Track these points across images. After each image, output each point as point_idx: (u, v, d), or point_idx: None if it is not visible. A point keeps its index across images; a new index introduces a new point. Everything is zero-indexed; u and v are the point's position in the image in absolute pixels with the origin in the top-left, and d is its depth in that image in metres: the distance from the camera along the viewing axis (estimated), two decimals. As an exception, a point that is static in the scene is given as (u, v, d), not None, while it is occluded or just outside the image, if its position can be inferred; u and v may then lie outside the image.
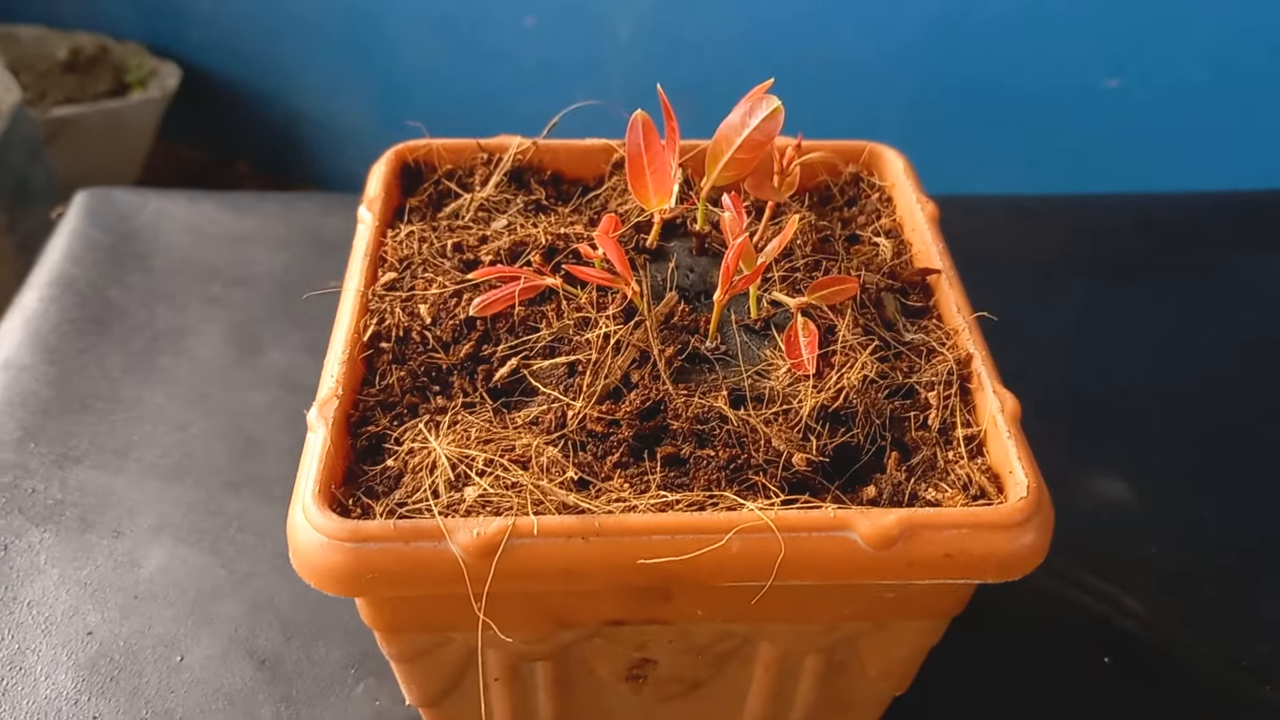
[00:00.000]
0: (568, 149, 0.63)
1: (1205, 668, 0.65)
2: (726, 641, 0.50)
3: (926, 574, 0.43)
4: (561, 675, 0.51)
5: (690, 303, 0.53)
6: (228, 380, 0.81)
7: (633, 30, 1.65)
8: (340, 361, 0.49)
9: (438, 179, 0.62)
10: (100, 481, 0.73)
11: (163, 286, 0.89)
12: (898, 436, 0.49)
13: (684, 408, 0.47)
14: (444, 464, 0.45)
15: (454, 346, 0.51)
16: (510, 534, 0.42)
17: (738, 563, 0.42)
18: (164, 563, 0.68)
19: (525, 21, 1.71)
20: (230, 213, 0.97)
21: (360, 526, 0.42)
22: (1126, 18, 1.32)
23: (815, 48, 1.56)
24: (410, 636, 0.48)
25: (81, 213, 0.96)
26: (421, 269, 0.55)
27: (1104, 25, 1.35)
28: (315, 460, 0.45)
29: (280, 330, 0.85)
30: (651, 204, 0.53)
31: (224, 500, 0.72)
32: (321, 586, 0.43)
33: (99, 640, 0.63)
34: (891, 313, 0.54)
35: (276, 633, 0.64)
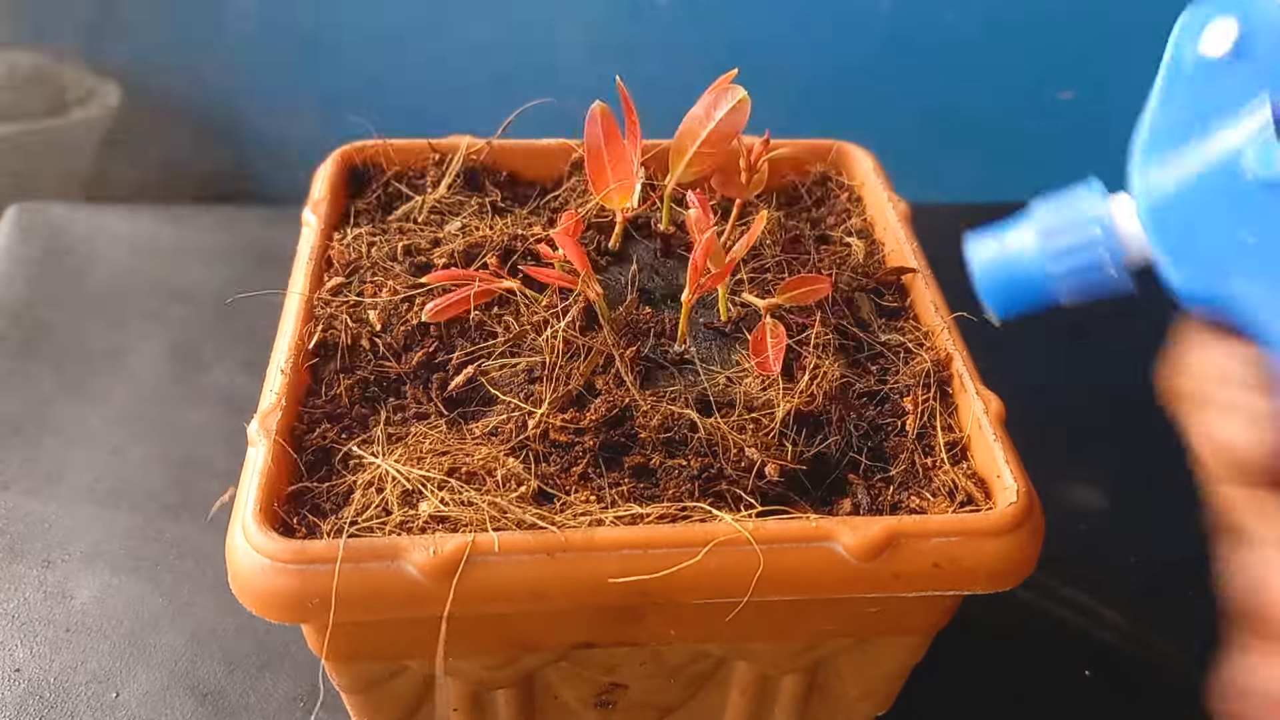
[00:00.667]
0: (524, 149, 0.60)
1: (1187, 678, 0.64)
2: (701, 663, 0.47)
3: (913, 586, 0.41)
4: (525, 703, 0.48)
5: (656, 305, 0.51)
6: (166, 400, 0.78)
7: (586, 44, 1.64)
8: (283, 371, 0.46)
9: (387, 180, 0.59)
10: (29, 508, 0.69)
11: (97, 304, 0.86)
12: (876, 442, 0.47)
13: (652, 415, 0.45)
14: (396, 478, 0.42)
15: (406, 354, 0.48)
16: (470, 552, 0.39)
17: (714, 578, 0.40)
18: (98, 593, 0.64)
19: (475, 34, 1.69)
20: (169, 226, 0.94)
21: (305, 547, 0.39)
22: (1080, 31, 1.33)
23: (771, 62, 1.56)
24: (362, 666, 0.45)
25: (12, 228, 0.92)
26: (370, 273, 0.52)
27: (1058, 38, 1.36)
28: (256, 477, 0.42)
29: (221, 347, 0.82)
30: (613, 202, 0.51)
31: (162, 525, 0.68)
32: (264, 613, 0.40)
33: (27, 678, 0.60)
34: (866, 313, 0.52)
35: (219, 665, 0.61)
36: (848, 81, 1.54)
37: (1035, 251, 0.31)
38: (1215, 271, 0.28)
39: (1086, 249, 0.30)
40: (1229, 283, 0.27)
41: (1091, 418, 0.81)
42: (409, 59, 1.76)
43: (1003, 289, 0.32)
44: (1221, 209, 0.27)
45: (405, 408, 0.47)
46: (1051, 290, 0.31)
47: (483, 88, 1.69)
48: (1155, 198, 0.29)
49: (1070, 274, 0.31)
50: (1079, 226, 0.30)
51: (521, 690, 0.47)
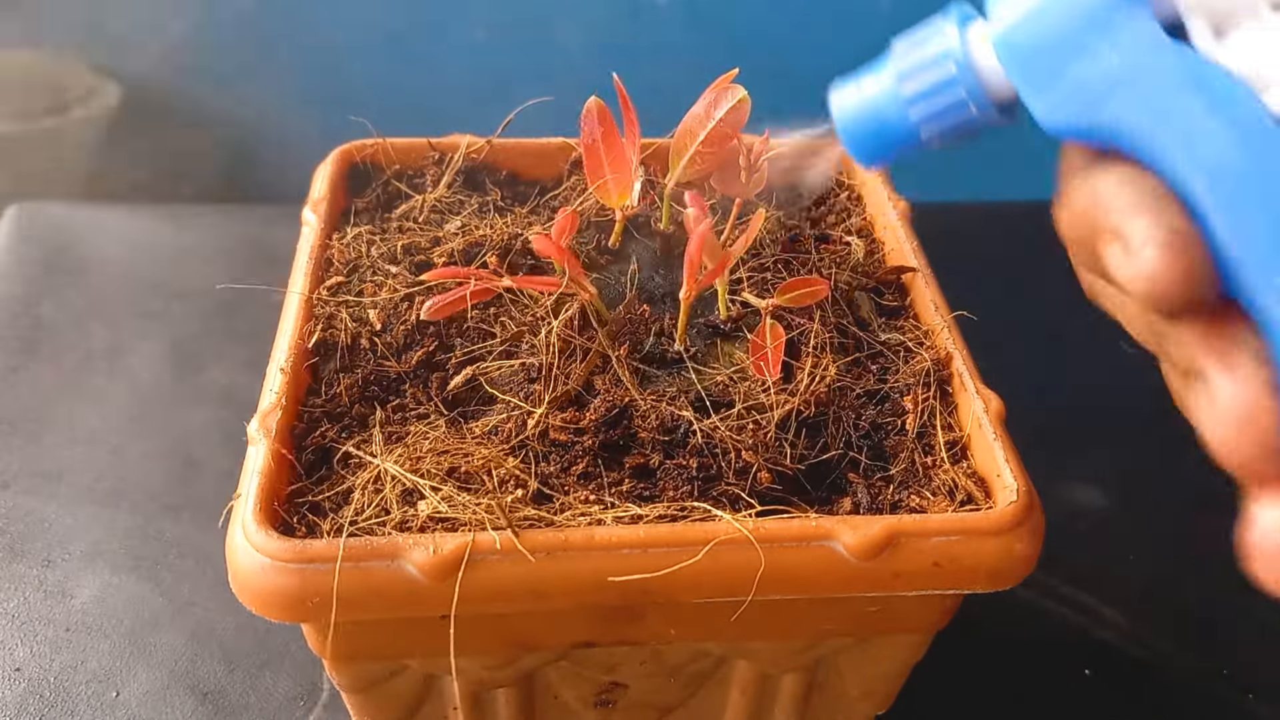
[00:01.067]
0: (523, 148, 0.60)
1: (1187, 677, 0.64)
2: (701, 662, 0.47)
3: (913, 585, 0.41)
4: (525, 703, 0.48)
5: (656, 304, 0.51)
6: (166, 399, 0.78)
7: (586, 44, 1.63)
8: (283, 370, 0.46)
9: (386, 180, 0.59)
10: (30, 507, 0.69)
11: (98, 302, 0.85)
12: (876, 442, 0.47)
13: (651, 415, 0.45)
14: (396, 478, 0.42)
15: (406, 353, 0.48)
16: (470, 552, 0.39)
17: (714, 577, 0.39)
18: (98, 592, 0.64)
19: (475, 35, 1.69)
20: (169, 225, 0.94)
21: (305, 546, 0.39)
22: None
23: (771, 62, 1.55)
24: (362, 665, 0.45)
25: (13, 227, 0.91)
26: (370, 272, 0.52)
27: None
28: (256, 476, 0.42)
29: (221, 347, 0.82)
30: (612, 200, 0.51)
31: (162, 525, 0.68)
32: (264, 613, 0.40)
33: (27, 677, 0.60)
34: (866, 312, 0.52)
35: (219, 664, 0.61)
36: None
37: (894, 96, 0.28)
38: (1081, 99, 0.25)
39: (944, 89, 0.27)
40: (1098, 110, 0.25)
41: (1091, 418, 0.81)
42: (409, 59, 1.76)
43: (868, 138, 0.29)
44: (1079, 28, 0.25)
45: (405, 407, 0.47)
46: (916, 134, 0.28)
47: (483, 88, 1.69)
48: (1011, 27, 0.26)
49: (932, 117, 0.28)
50: (934, 65, 0.27)
51: (521, 690, 0.47)
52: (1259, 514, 0.25)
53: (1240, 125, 0.23)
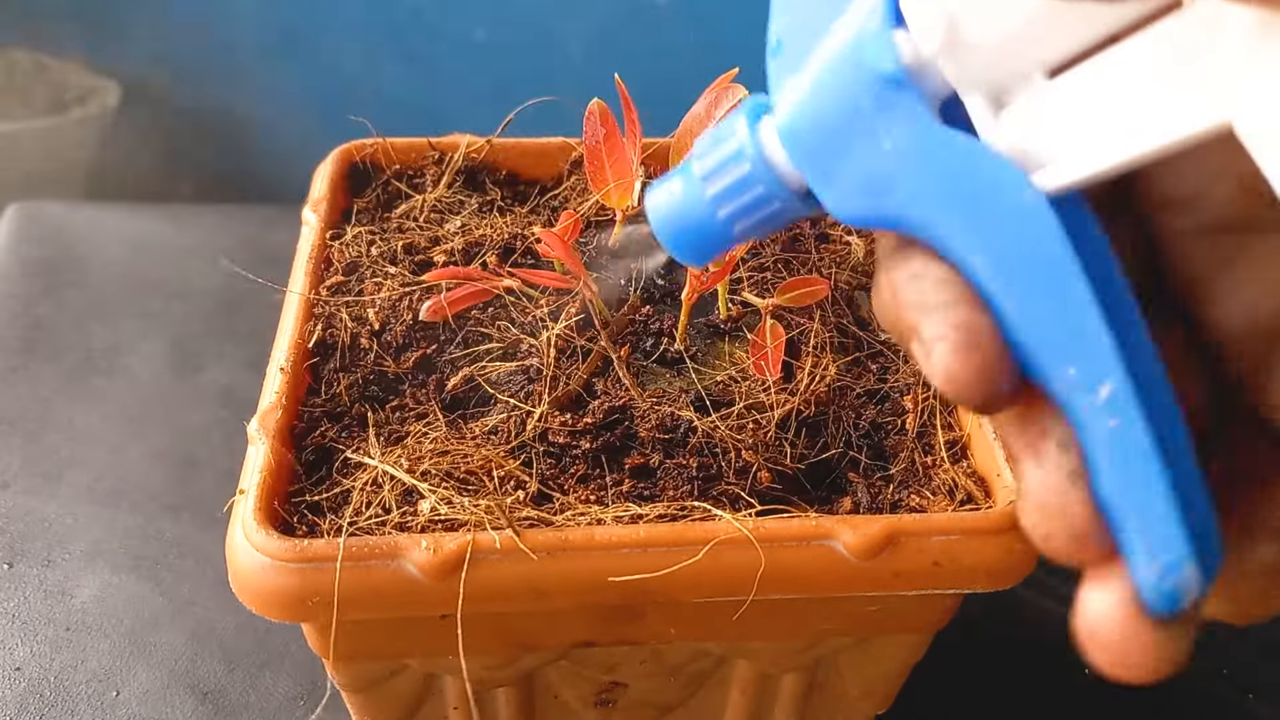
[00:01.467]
0: (524, 147, 0.60)
1: (1186, 677, 0.63)
2: (701, 661, 0.47)
3: (913, 584, 0.41)
4: (525, 702, 0.48)
5: (656, 304, 0.51)
6: (166, 399, 0.77)
7: (586, 44, 1.63)
8: (283, 370, 0.46)
9: (386, 179, 0.59)
10: (30, 507, 0.69)
11: (98, 302, 0.85)
12: (876, 441, 0.47)
13: (651, 415, 0.45)
14: (396, 478, 0.42)
15: (405, 353, 0.48)
16: (470, 551, 0.39)
17: (714, 577, 0.39)
18: (98, 592, 0.64)
19: (475, 35, 1.69)
20: (169, 225, 0.94)
21: (305, 546, 0.39)
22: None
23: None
24: (362, 665, 0.45)
25: (12, 227, 0.91)
26: (370, 272, 0.52)
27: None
28: (256, 475, 0.41)
29: (221, 346, 0.82)
30: (613, 200, 0.51)
31: (162, 525, 0.68)
32: (264, 612, 0.40)
33: (28, 677, 0.60)
34: (866, 312, 0.52)
35: (219, 663, 0.61)
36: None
37: (700, 197, 0.27)
38: (865, 189, 0.24)
39: (745, 188, 0.26)
40: (882, 200, 0.23)
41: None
42: (409, 59, 1.76)
43: (685, 238, 0.28)
44: (854, 116, 0.23)
45: (405, 407, 0.47)
46: (729, 232, 0.27)
47: (483, 88, 1.69)
48: (788, 117, 0.25)
49: (739, 214, 0.26)
50: (731, 164, 0.26)
51: (521, 689, 0.47)
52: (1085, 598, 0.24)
53: (1012, 211, 0.22)
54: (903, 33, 0.23)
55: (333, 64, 1.80)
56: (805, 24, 0.25)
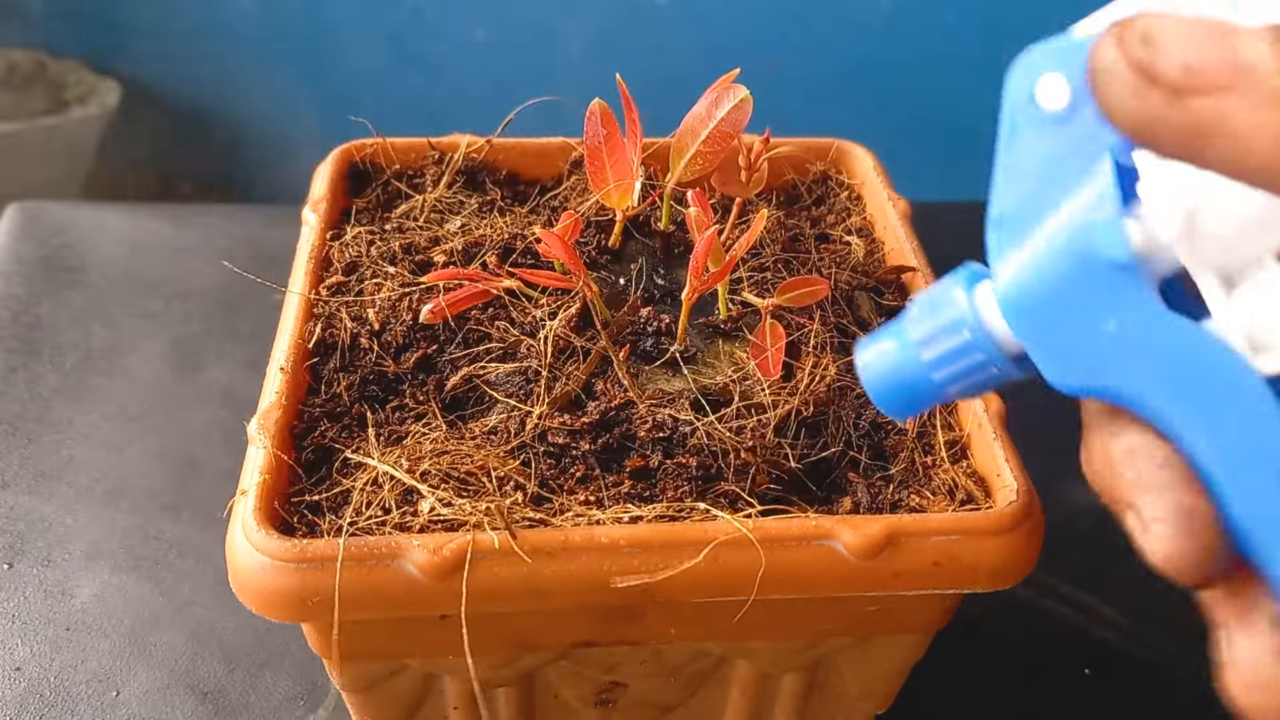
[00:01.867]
0: (524, 147, 0.60)
1: (1186, 677, 0.64)
2: (701, 661, 0.47)
3: (913, 584, 0.41)
4: (525, 702, 0.48)
5: (656, 304, 0.51)
6: (166, 399, 0.77)
7: (586, 44, 1.63)
8: (283, 370, 0.46)
9: (386, 179, 0.59)
10: (30, 507, 0.69)
11: (97, 302, 0.85)
12: (876, 441, 0.47)
13: (650, 415, 0.45)
14: (396, 478, 0.42)
15: (405, 353, 0.48)
16: (470, 552, 0.39)
17: (714, 577, 0.39)
18: (98, 592, 0.64)
19: (475, 35, 1.69)
20: (169, 225, 0.93)
21: (305, 546, 0.39)
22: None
23: (770, 62, 1.55)
24: (362, 665, 0.44)
25: (12, 227, 0.91)
26: (370, 272, 0.52)
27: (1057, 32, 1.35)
28: (256, 475, 0.41)
29: (221, 346, 0.82)
30: (613, 200, 0.51)
31: (162, 525, 0.68)
32: (264, 612, 0.40)
33: (28, 677, 0.59)
34: (866, 312, 0.52)
35: (219, 664, 0.61)
36: (848, 81, 1.54)
37: (915, 360, 0.28)
38: (1087, 364, 0.25)
39: (962, 354, 0.27)
40: (1102, 375, 0.25)
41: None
42: (409, 59, 1.76)
43: (896, 397, 0.29)
44: (1079, 296, 0.24)
45: (404, 407, 0.47)
46: (941, 392, 0.29)
47: (483, 88, 1.69)
48: (1011, 290, 0.26)
49: (953, 379, 0.28)
50: (949, 332, 0.27)
51: (522, 689, 0.47)
52: None
53: (1235, 396, 0.23)
54: (1134, 222, 0.24)
55: (333, 64, 1.80)
56: (1031, 202, 0.26)
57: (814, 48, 1.53)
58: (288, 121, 1.90)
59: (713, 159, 0.49)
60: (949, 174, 1.49)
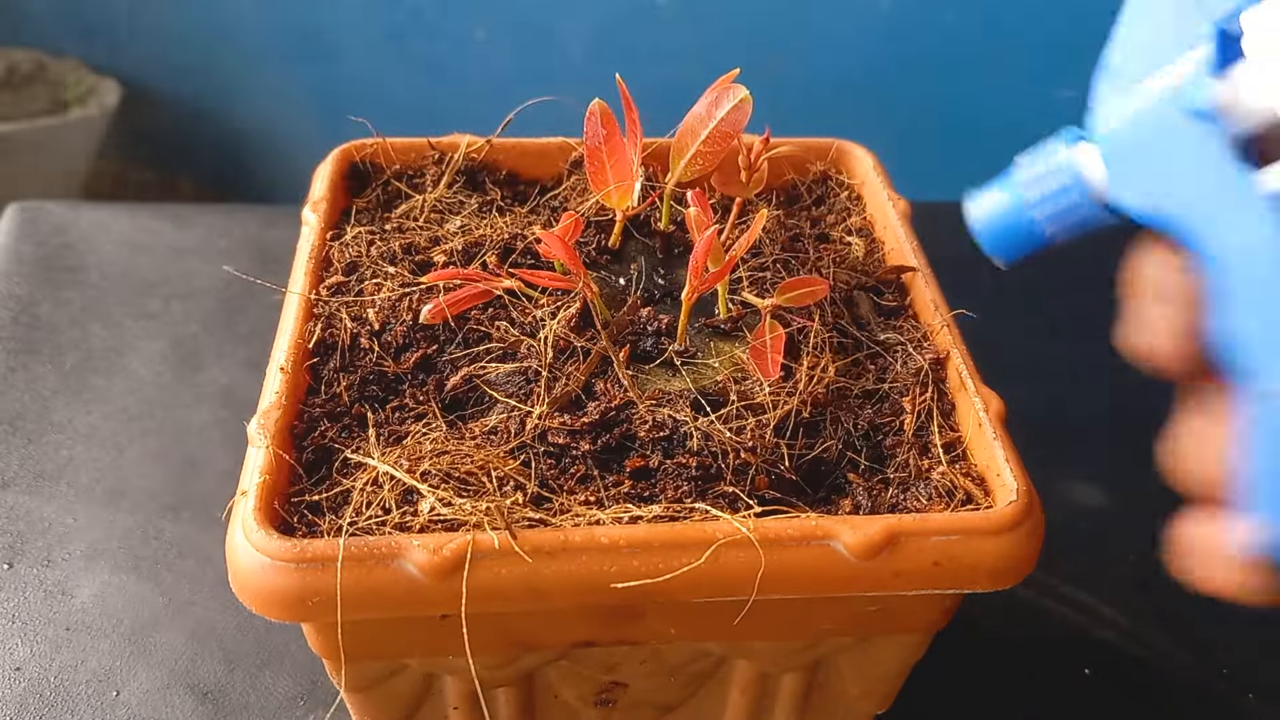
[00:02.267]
0: (523, 147, 0.60)
1: (1187, 677, 0.64)
2: (701, 661, 0.47)
3: (913, 584, 0.41)
4: (526, 702, 0.48)
5: (656, 304, 0.51)
6: (166, 399, 0.77)
7: (586, 44, 1.63)
8: (283, 370, 0.46)
9: (386, 179, 0.59)
10: (30, 507, 0.69)
11: (98, 302, 0.85)
12: (876, 442, 0.47)
13: (650, 415, 0.45)
14: (396, 478, 0.42)
15: (404, 354, 0.48)
16: (470, 552, 0.39)
17: (715, 577, 0.39)
18: (98, 592, 0.64)
19: (475, 34, 1.69)
20: (169, 225, 0.93)
21: (305, 546, 0.39)
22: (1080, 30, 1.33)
23: (771, 62, 1.55)
24: (362, 665, 0.44)
25: (12, 226, 0.91)
26: (370, 272, 0.52)
27: (1058, 38, 1.35)
28: (256, 475, 0.41)
29: (221, 346, 0.82)
30: (613, 201, 0.51)
31: (162, 525, 0.68)
32: (264, 612, 0.40)
33: (28, 677, 0.60)
34: (865, 312, 0.52)
35: (219, 664, 0.61)
36: (848, 81, 1.54)
37: (1020, 201, 0.34)
38: (1158, 195, 0.31)
39: (1061, 194, 0.33)
40: (1167, 205, 0.30)
41: (1091, 417, 0.81)
42: (409, 59, 1.76)
43: (1001, 238, 0.35)
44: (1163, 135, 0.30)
45: (404, 407, 0.47)
46: (1041, 233, 0.34)
47: (483, 88, 1.69)
48: (1109, 126, 0.32)
49: (1052, 217, 0.34)
50: (1052, 174, 0.33)
51: (521, 689, 0.47)
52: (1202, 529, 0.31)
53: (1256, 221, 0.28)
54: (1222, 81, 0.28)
55: (332, 64, 1.80)
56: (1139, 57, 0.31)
57: (814, 48, 1.53)
58: (288, 121, 1.90)
59: (713, 159, 0.49)
60: (949, 174, 1.49)
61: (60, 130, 1.81)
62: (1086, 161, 0.33)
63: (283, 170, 1.92)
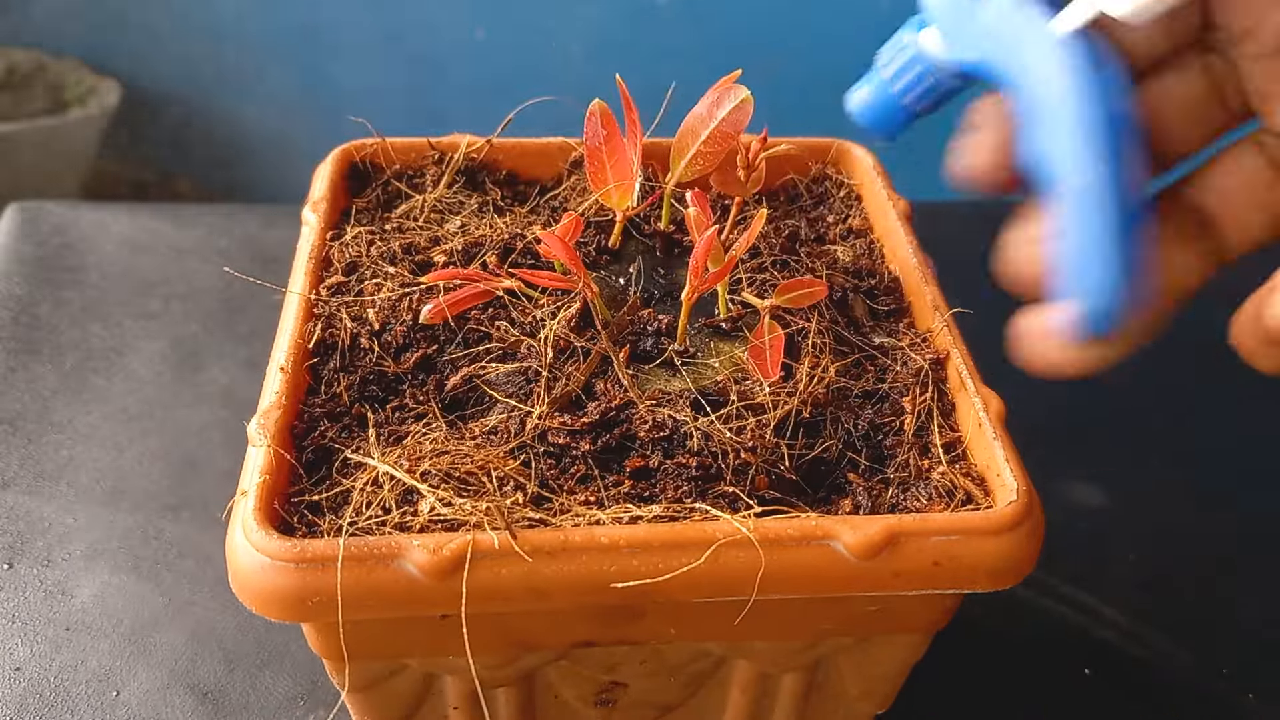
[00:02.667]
0: (523, 147, 0.60)
1: (1187, 677, 0.64)
2: (701, 661, 0.47)
3: (913, 584, 0.41)
4: (526, 702, 0.48)
5: (656, 304, 0.51)
6: (166, 399, 0.77)
7: (586, 44, 1.63)
8: (283, 370, 0.46)
9: (386, 179, 0.59)
10: (30, 507, 0.69)
11: (97, 302, 0.85)
12: (876, 442, 0.47)
13: (650, 416, 0.45)
14: (396, 478, 0.42)
15: (404, 354, 0.48)
16: (470, 552, 0.39)
17: (715, 577, 0.39)
18: (98, 592, 0.64)
19: (475, 34, 1.69)
20: (169, 225, 0.94)
21: (305, 546, 0.39)
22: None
23: (771, 61, 1.55)
24: (362, 664, 0.44)
25: (12, 226, 0.91)
26: (370, 272, 0.52)
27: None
28: (256, 475, 0.41)
29: (221, 346, 0.82)
30: (613, 201, 0.51)
31: (162, 525, 0.68)
32: (264, 612, 0.40)
33: (28, 677, 0.60)
34: (862, 313, 0.52)
35: (219, 664, 0.61)
36: (848, 81, 1.53)
37: (883, 84, 0.40)
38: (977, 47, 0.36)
39: (911, 69, 0.39)
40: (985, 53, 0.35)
41: (1091, 418, 0.81)
42: (409, 59, 1.76)
43: (876, 118, 0.41)
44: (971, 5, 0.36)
45: (404, 407, 0.47)
46: (906, 106, 0.40)
47: (483, 88, 1.69)
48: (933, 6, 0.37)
49: (909, 90, 0.40)
50: (902, 55, 0.39)
51: (521, 689, 0.47)
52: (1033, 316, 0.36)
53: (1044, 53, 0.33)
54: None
55: (332, 64, 1.80)
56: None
57: (814, 48, 1.53)
58: (288, 121, 1.90)
59: (713, 159, 0.49)
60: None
61: (60, 130, 1.81)
62: (927, 39, 0.39)
63: (283, 170, 1.92)
